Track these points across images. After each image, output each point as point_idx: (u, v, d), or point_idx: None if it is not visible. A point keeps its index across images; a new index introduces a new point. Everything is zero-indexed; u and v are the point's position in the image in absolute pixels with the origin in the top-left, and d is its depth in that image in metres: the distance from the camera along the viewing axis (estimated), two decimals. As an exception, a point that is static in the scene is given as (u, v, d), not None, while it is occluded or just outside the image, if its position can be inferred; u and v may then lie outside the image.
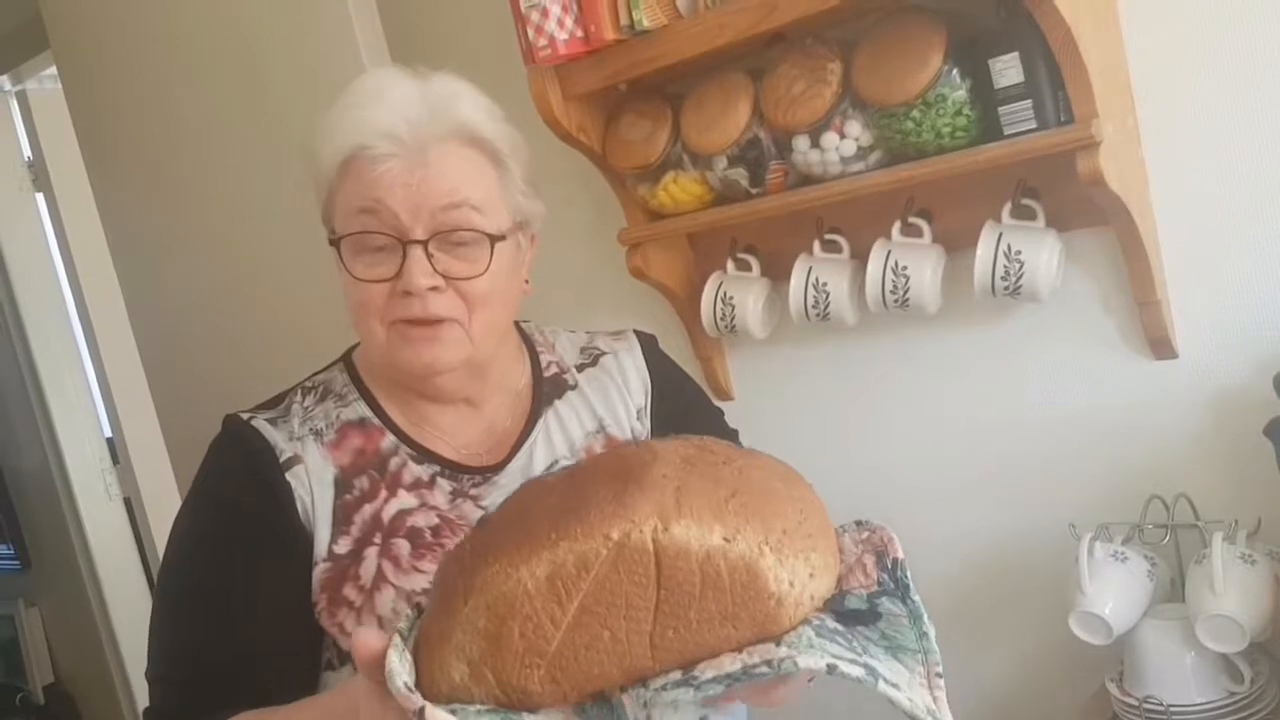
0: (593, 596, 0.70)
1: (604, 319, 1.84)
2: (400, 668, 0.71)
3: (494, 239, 1.04)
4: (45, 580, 3.59)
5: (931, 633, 0.73)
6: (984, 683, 1.63)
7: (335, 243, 1.05)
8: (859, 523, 0.80)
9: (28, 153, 3.31)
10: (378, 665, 0.72)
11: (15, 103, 3.28)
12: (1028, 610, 1.56)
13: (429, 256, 1.01)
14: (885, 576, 0.75)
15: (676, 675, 0.71)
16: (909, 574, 0.75)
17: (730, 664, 0.70)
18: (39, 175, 3.29)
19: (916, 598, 0.75)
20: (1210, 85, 1.31)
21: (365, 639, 0.74)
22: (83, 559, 3.37)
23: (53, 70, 2.77)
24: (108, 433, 3.43)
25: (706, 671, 0.70)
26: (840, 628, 0.72)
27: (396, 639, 0.74)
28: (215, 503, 1.07)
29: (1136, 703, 1.32)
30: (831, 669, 0.68)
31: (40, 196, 3.33)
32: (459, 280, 1.03)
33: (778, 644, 0.70)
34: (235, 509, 1.05)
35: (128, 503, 3.40)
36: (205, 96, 2.10)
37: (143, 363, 2.59)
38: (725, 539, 0.70)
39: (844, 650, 0.70)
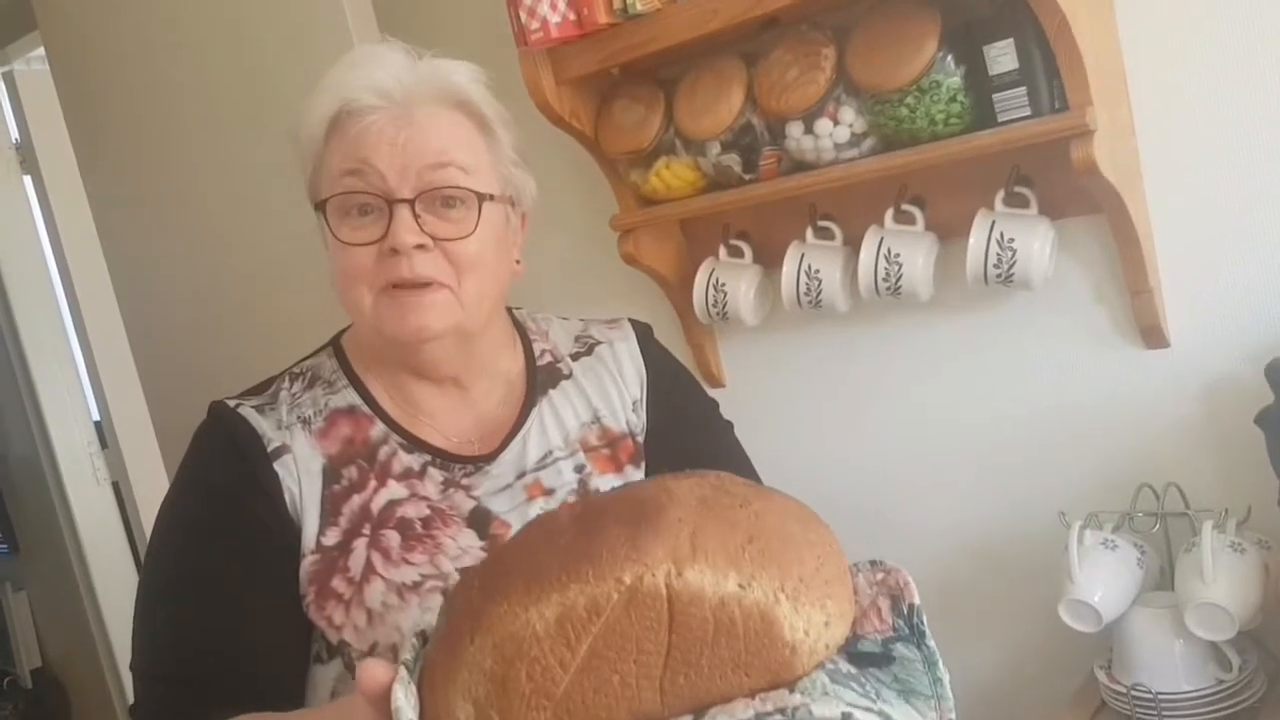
0: (603, 640, 0.69)
1: (595, 305, 1.83)
2: (405, 704, 0.70)
3: (481, 198, 1.03)
4: (33, 564, 3.59)
5: (946, 679, 0.73)
6: (973, 670, 1.64)
7: (321, 207, 1.03)
8: (873, 562, 0.79)
9: (15, 135, 3.29)
10: (384, 699, 0.71)
11: (3, 84, 3.26)
12: (1017, 598, 1.56)
13: (416, 216, 1.00)
14: (900, 622, 0.74)
15: (687, 719, 0.70)
16: (925, 619, 0.74)
17: (743, 711, 0.69)
18: (26, 157, 3.27)
19: (932, 643, 0.74)
20: (1204, 74, 1.31)
21: (372, 671, 0.73)
22: (71, 543, 3.37)
23: (41, 51, 2.75)
24: (96, 417, 3.42)
25: (719, 717, 0.69)
26: (853, 670, 0.71)
27: (403, 672, 0.73)
28: (202, 492, 1.05)
29: (1125, 690, 1.33)
30: (846, 718, 0.68)
31: (28, 179, 3.31)
32: (446, 242, 1.01)
33: (791, 690, 0.69)
34: (222, 499, 1.03)
35: (116, 487, 3.39)
36: (194, 79, 2.08)
37: (131, 347, 2.58)
38: (740, 585, 0.69)
39: (858, 697, 0.69)
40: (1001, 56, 1.30)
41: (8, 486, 3.60)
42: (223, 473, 1.04)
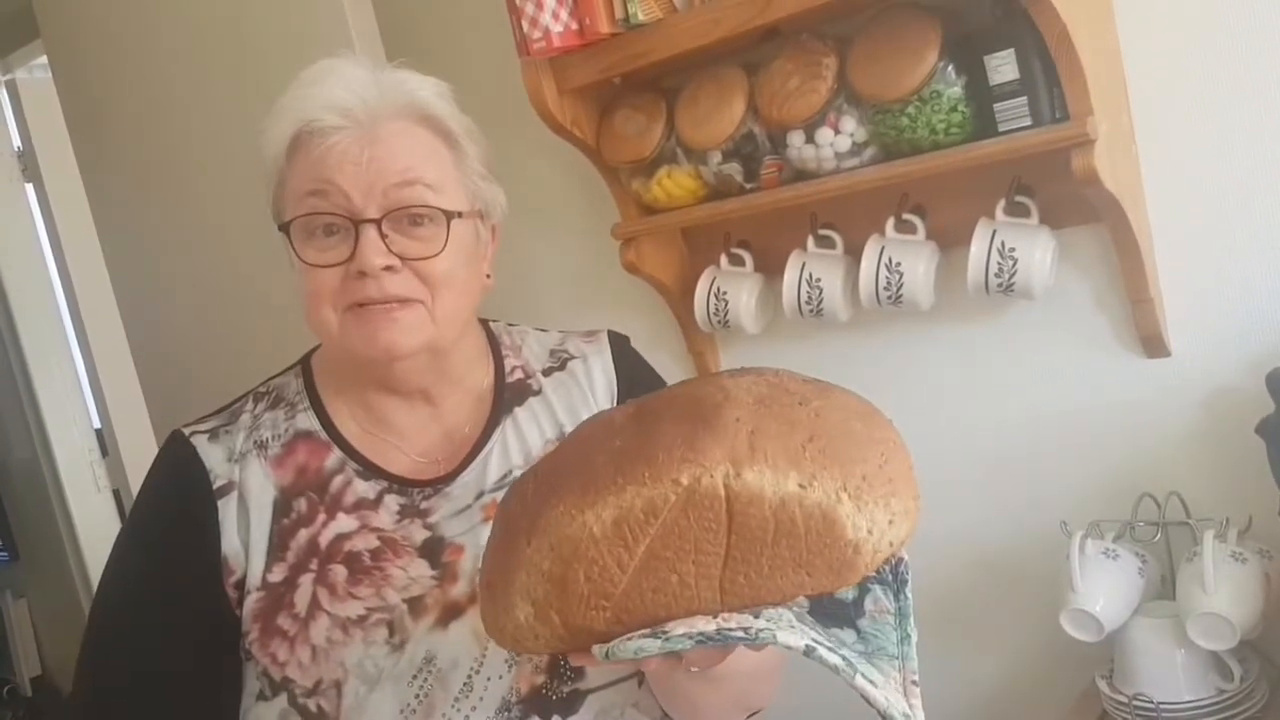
0: (661, 541, 0.68)
1: (597, 313, 1.84)
2: None
3: (450, 216, 1.01)
4: (33, 572, 3.58)
5: (914, 637, 0.72)
6: (975, 679, 1.63)
7: (285, 228, 1.01)
8: None
9: (17, 143, 3.29)
10: None
11: (5, 92, 3.27)
12: (1019, 607, 1.56)
13: (383, 236, 0.98)
14: (886, 569, 0.74)
15: (645, 630, 0.70)
16: (909, 574, 0.74)
17: (704, 624, 0.69)
18: (29, 165, 3.27)
19: (910, 595, 0.73)
20: (1205, 84, 1.31)
21: None
22: (71, 551, 3.36)
23: (43, 59, 2.76)
24: (97, 424, 3.42)
25: (678, 628, 0.69)
26: (817, 625, 0.70)
27: None
28: (141, 539, 1.07)
29: (1126, 700, 1.32)
30: (810, 651, 0.67)
31: (30, 187, 3.32)
32: (415, 261, 0.99)
33: (756, 616, 0.69)
34: (156, 553, 1.04)
35: (116, 495, 3.38)
36: (196, 87, 2.09)
37: (132, 354, 2.58)
38: (801, 485, 0.68)
39: (823, 638, 0.69)
40: (1002, 66, 1.31)
41: (8, 493, 3.59)
42: (162, 520, 1.06)
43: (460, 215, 1.02)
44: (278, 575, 1.01)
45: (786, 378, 0.75)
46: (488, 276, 1.10)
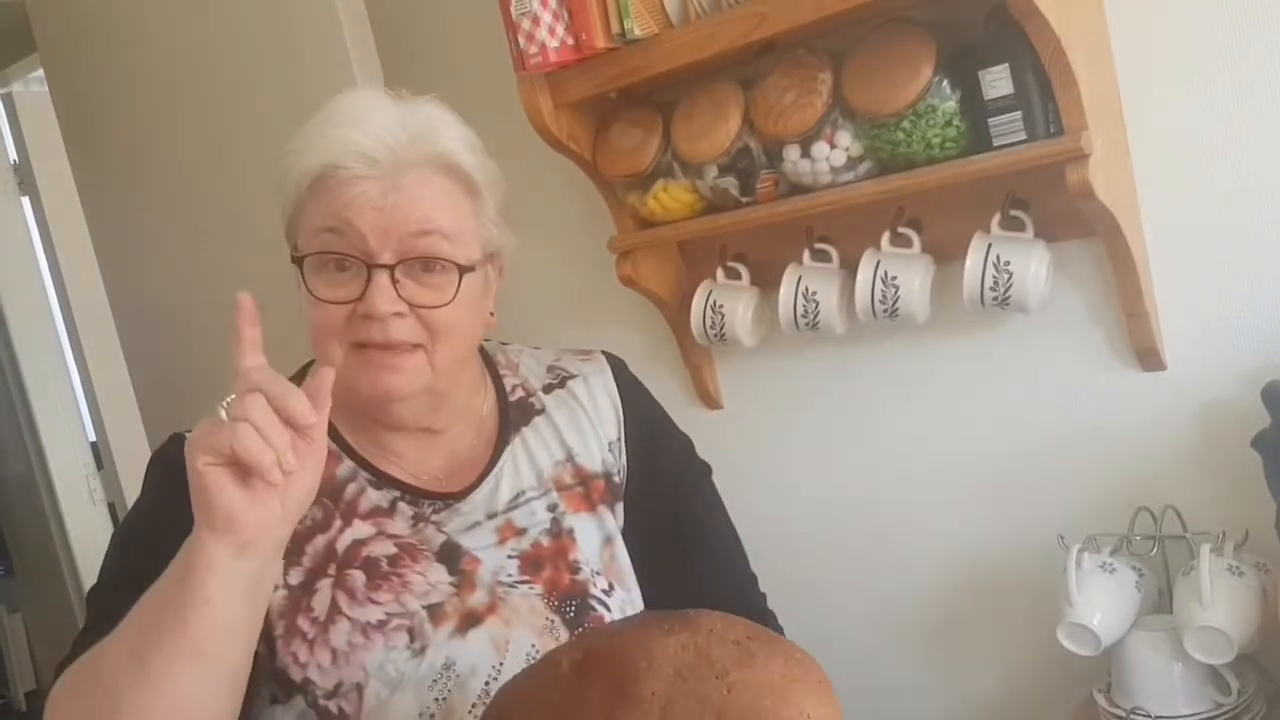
0: None
1: (593, 326, 1.84)
2: None
3: (463, 270, 1.03)
4: (28, 586, 3.58)
5: None
6: (971, 694, 1.63)
7: (299, 261, 1.03)
8: None
9: (13, 156, 3.30)
10: None
11: (1, 106, 3.28)
12: (1015, 621, 1.56)
13: (394, 282, 0.99)
14: None
15: None
16: None
17: None
18: (25, 179, 3.28)
19: None
20: (1199, 98, 1.32)
21: None
22: (66, 565, 3.36)
23: (39, 73, 2.77)
24: (92, 437, 3.42)
25: None
26: None
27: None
28: (153, 524, 1.02)
29: (1124, 714, 1.32)
30: None
31: (26, 200, 3.32)
32: (423, 308, 1.01)
33: None
34: (167, 522, 1.00)
35: (111, 508, 3.38)
36: (192, 101, 2.09)
37: (128, 367, 2.58)
38: None
39: None
40: (997, 81, 1.31)
41: (3, 507, 3.59)
42: (176, 502, 1.01)
43: (472, 269, 1.04)
44: (295, 579, 1.03)
45: (718, 638, 0.81)
46: (490, 314, 1.12)
